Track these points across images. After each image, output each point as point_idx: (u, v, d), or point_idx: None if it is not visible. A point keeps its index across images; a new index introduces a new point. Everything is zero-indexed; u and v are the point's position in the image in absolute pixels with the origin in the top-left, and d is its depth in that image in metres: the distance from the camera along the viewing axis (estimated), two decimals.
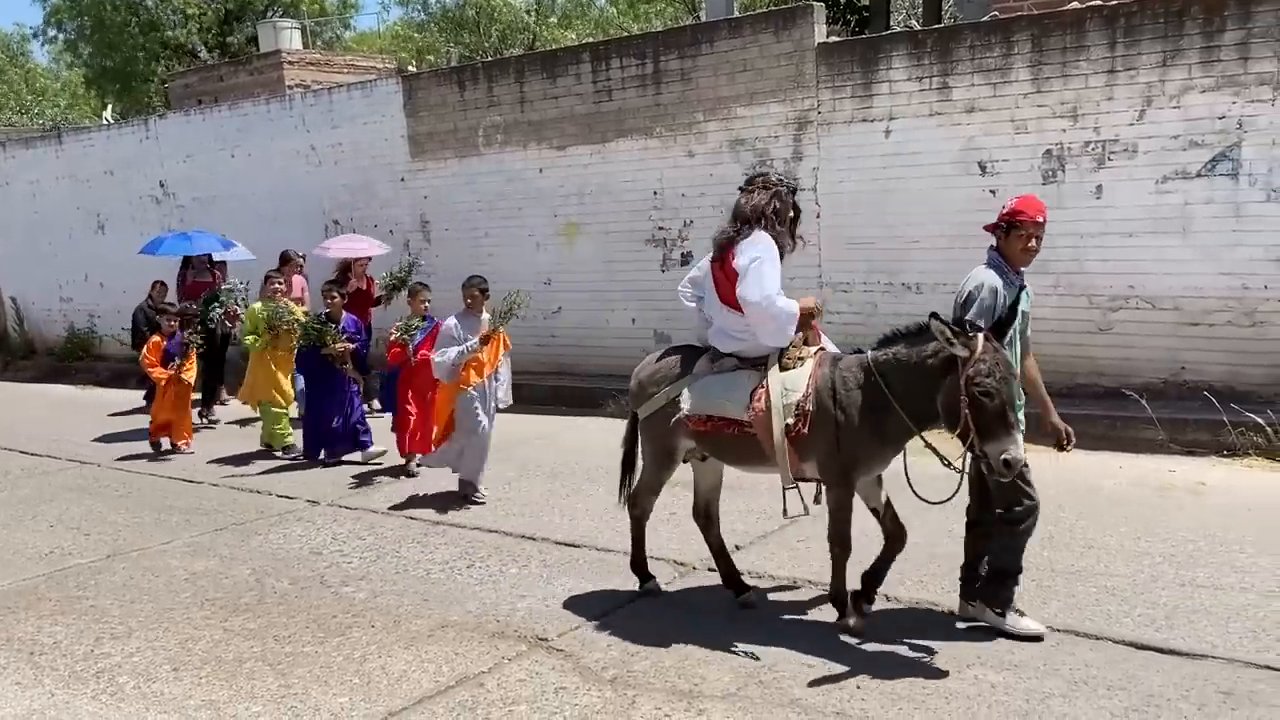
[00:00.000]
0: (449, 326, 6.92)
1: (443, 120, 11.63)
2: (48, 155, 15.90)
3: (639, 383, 4.96)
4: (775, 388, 4.45)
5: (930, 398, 4.18)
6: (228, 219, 13.74)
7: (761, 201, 4.63)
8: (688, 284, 4.97)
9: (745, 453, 4.63)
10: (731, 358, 4.68)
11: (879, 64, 8.78)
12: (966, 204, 8.53)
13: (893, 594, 4.98)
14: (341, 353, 8.14)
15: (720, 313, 4.69)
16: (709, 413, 4.61)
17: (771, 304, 4.45)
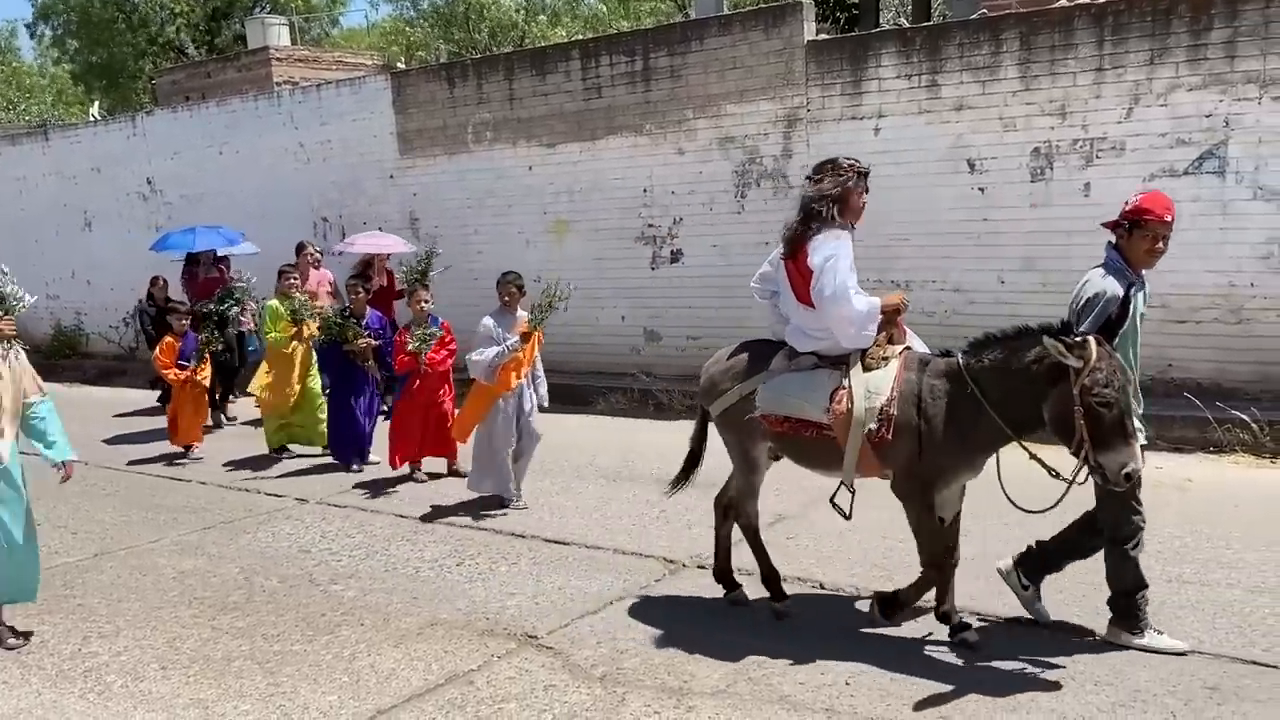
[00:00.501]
0: (487, 326, 6.61)
1: (432, 117, 11.60)
2: (34, 152, 15.80)
3: (710, 378, 4.76)
4: (858, 390, 4.23)
5: (1034, 406, 3.95)
6: (216, 216, 13.66)
7: (831, 190, 4.39)
8: (759, 280, 4.80)
9: (824, 456, 4.40)
10: (810, 355, 4.46)
11: (868, 62, 8.79)
12: (955, 201, 8.57)
13: (882, 591, 4.98)
14: (364, 349, 7.88)
15: (797, 311, 4.49)
16: (785, 413, 4.41)
17: (848, 304, 4.23)
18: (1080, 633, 4.42)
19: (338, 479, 7.84)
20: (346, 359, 7.91)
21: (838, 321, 4.28)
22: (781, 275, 4.56)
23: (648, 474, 7.32)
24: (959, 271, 8.61)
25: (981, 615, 4.64)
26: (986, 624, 4.56)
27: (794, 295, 4.47)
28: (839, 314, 4.25)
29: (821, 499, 6.35)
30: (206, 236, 11.11)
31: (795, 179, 9.28)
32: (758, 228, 9.59)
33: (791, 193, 9.34)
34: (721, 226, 9.84)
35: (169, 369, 8.72)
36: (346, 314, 8.03)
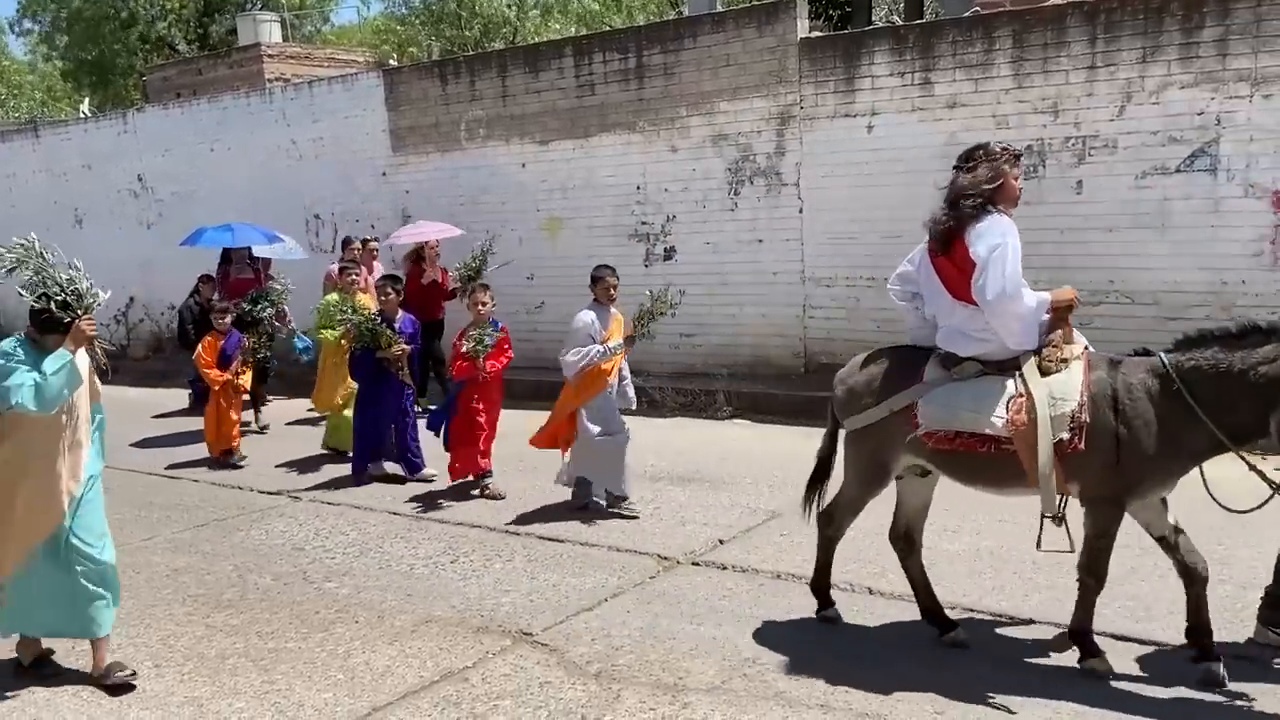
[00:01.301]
0: (586, 322, 6.29)
1: (424, 114, 11.58)
2: (24, 149, 15.73)
3: (849, 390, 4.37)
4: (1040, 396, 3.85)
5: (1258, 412, 3.63)
6: (207, 213, 13.61)
7: (987, 178, 4.02)
8: (898, 281, 4.43)
9: (999, 473, 4.00)
10: (973, 362, 4.05)
11: (861, 59, 8.80)
12: None
13: (876, 587, 5.00)
14: (398, 356, 7.34)
15: (953, 311, 4.08)
16: (956, 428, 4.00)
17: (1017, 300, 3.89)
18: None
19: (331, 477, 7.82)
20: (379, 366, 7.37)
21: (1005, 319, 3.92)
22: (928, 274, 4.19)
23: (641, 471, 7.31)
24: None
25: (974, 610, 4.65)
26: (978, 621, 4.57)
27: (949, 294, 4.09)
28: (1007, 311, 3.90)
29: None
30: (245, 233, 10.62)
31: (788, 176, 9.31)
32: (750, 225, 9.61)
33: (785, 190, 9.37)
34: (715, 224, 9.85)
35: (210, 368, 8.42)
36: (379, 319, 7.41)
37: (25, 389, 3.96)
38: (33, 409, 3.97)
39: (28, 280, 4.13)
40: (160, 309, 14.63)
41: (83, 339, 4.14)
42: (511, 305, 9.60)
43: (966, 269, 3.97)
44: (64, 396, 4.07)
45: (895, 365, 4.27)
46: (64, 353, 4.05)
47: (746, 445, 8.11)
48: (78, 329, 4.11)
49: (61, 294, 4.09)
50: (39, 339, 4.15)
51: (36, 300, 4.08)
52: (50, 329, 4.12)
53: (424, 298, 9.56)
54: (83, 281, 4.18)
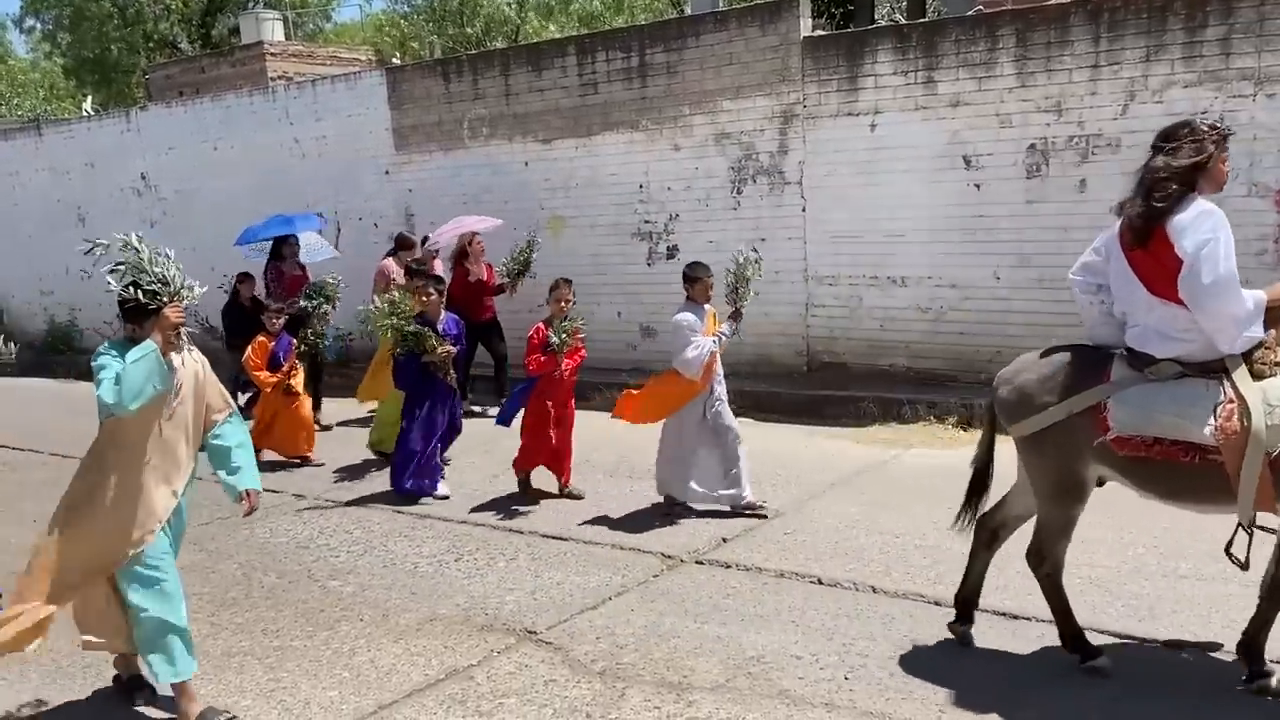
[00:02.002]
0: (689, 320, 6.06)
1: (427, 113, 11.59)
2: (27, 147, 15.74)
3: (1020, 390, 3.97)
4: (1254, 402, 3.50)
5: None
6: (210, 212, 13.66)
7: (1192, 160, 3.68)
8: (1081, 271, 4.05)
9: (1199, 486, 3.65)
10: (1171, 363, 3.69)
11: (864, 58, 8.80)
12: (951, 198, 8.59)
13: (880, 585, 5.01)
14: (444, 358, 6.94)
15: (1151, 309, 3.74)
16: (1154, 433, 3.65)
17: (1233, 300, 3.56)
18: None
19: (335, 475, 7.83)
20: (424, 371, 6.95)
21: (1218, 319, 3.57)
22: (1121, 267, 3.82)
23: (645, 470, 7.31)
24: (955, 267, 8.64)
25: (979, 608, 4.66)
26: (982, 619, 4.58)
27: (1145, 289, 3.73)
28: (1221, 310, 3.55)
29: (821, 494, 6.42)
30: (290, 222, 10.37)
31: (791, 175, 9.31)
32: (753, 224, 9.61)
33: (788, 189, 9.37)
34: (717, 223, 9.85)
35: (260, 370, 8.12)
36: (422, 321, 6.97)
37: (105, 381, 3.68)
38: (109, 402, 3.66)
39: (116, 269, 3.86)
40: None
41: (168, 326, 3.80)
42: (515, 304, 9.59)
43: (1168, 263, 3.61)
44: (147, 393, 3.72)
45: (1075, 363, 3.89)
46: (148, 343, 3.74)
47: (749, 444, 8.07)
48: (162, 317, 3.81)
49: (150, 282, 3.82)
50: (134, 338, 3.86)
51: (124, 289, 3.81)
52: (136, 317, 3.84)
53: (470, 297, 9.29)
54: (171, 268, 3.88)
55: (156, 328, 3.79)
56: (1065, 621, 4.06)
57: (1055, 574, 4.06)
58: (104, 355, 3.82)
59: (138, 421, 3.85)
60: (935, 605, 4.74)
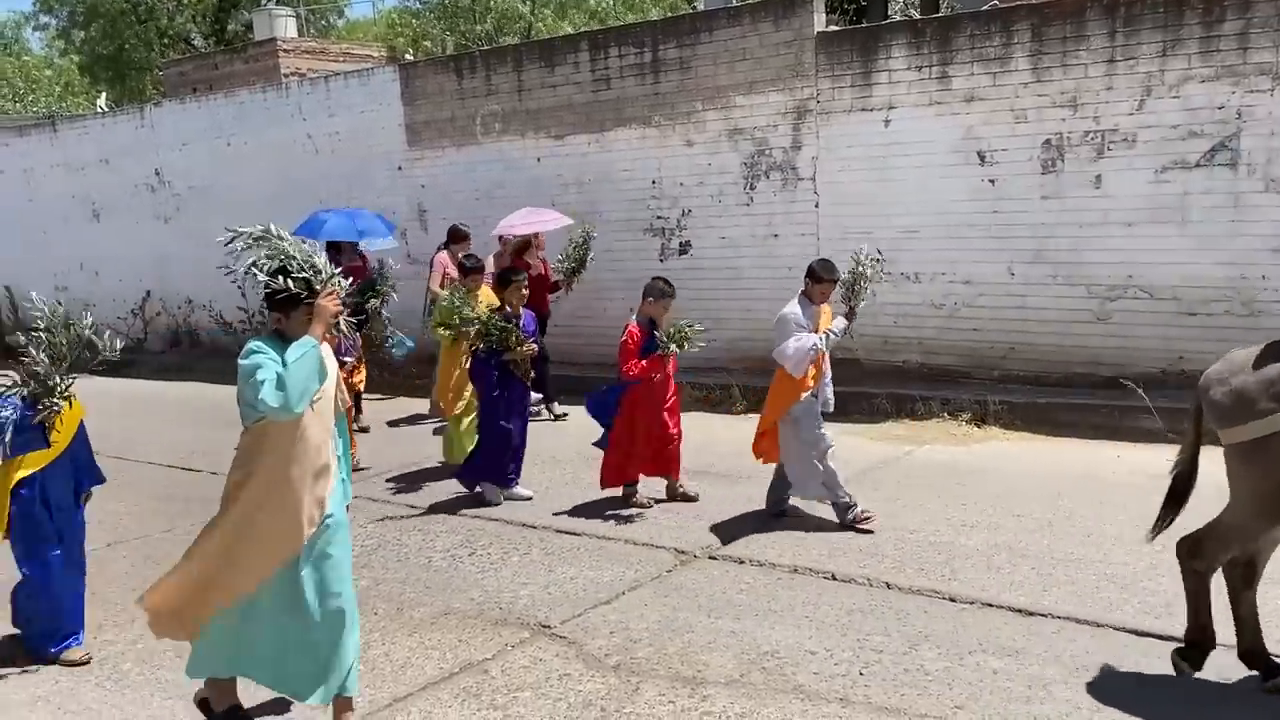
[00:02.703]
0: (795, 314, 5.77)
1: (440, 109, 11.60)
2: (42, 143, 15.83)
3: (1236, 393, 3.64)
4: None
5: None
6: (224, 208, 13.69)
7: None
8: None
9: None
10: None
11: (878, 53, 8.77)
12: (965, 194, 8.56)
13: (894, 581, 5.00)
14: (527, 357, 6.63)
15: None
16: None
17: None
18: (1089, 624, 4.42)
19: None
20: (505, 370, 6.62)
21: None
22: None
23: None
24: (969, 263, 8.60)
25: (991, 604, 4.65)
26: (994, 615, 4.57)
27: None
28: None
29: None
30: (339, 224, 9.83)
31: (804, 171, 9.29)
32: (766, 220, 9.60)
33: (801, 185, 9.35)
34: (730, 218, 9.84)
35: None
36: (508, 317, 6.64)
37: (267, 383, 3.33)
38: (274, 406, 3.33)
39: (261, 259, 3.57)
40: (177, 303, 14.71)
41: (327, 317, 3.52)
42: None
43: None
44: (310, 392, 3.43)
45: None
46: (307, 339, 3.46)
47: None
48: (320, 307, 3.51)
49: (300, 269, 3.51)
50: (283, 331, 3.55)
51: (272, 277, 3.50)
52: (285, 307, 3.52)
53: (530, 292, 9.16)
54: (319, 256, 3.61)
55: (315, 319, 3.50)
56: (1199, 621, 3.84)
57: (1206, 573, 3.83)
58: (257, 354, 3.43)
59: (290, 423, 3.51)
60: (950, 601, 4.73)
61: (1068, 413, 7.81)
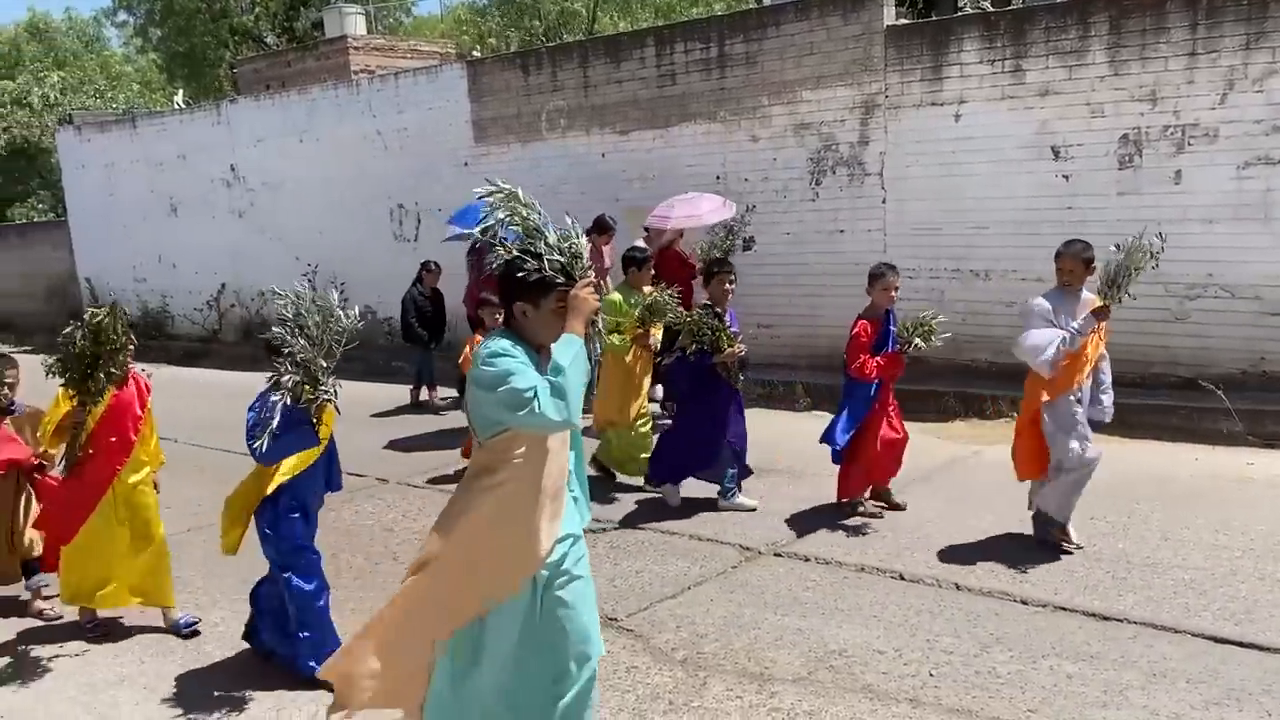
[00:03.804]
0: (1041, 305, 5.13)
1: (506, 105, 11.71)
2: (123, 139, 16.33)
3: None
4: None
5: None
6: (295, 203, 14.04)
7: None
8: None
9: None
10: None
11: (950, 46, 8.64)
12: (1038, 189, 8.40)
13: (964, 582, 4.94)
14: (733, 357, 6.02)
15: None
16: None
17: None
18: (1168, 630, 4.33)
19: (416, 459, 7.97)
20: (710, 373, 6.04)
21: None
22: None
23: None
24: (1041, 261, 8.35)
25: (1064, 608, 4.57)
26: (1068, 619, 4.49)
27: None
28: None
29: (900, 490, 6.32)
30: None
31: (872, 166, 9.20)
32: (832, 215, 9.53)
33: (868, 180, 9.26)
34: (795, 214, 9.78)
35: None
36: (717, 315, 6.07)
37: (542, 392, 2.76)
38: (556, 420, 2.78)
39: (503, 223, 3.07)
40: (250, 295, 15.07)
41: (588, 311, 2.95)
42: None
43: None
44: (580, 399, 2.86)
45: None
46: (572, 338, 2.89)
47: None
48: (580, 300, 2.93)
49: (553, 253, 2.96)
50: (518, 325, 2.99)
51: (523, 259, 2.95)
52: (538, 294, 2.93)
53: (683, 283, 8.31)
54: (579, 237, 3.05)
55: (573, 314, 2.92)
56: None
57: None
58: (504, 357, 2.86)
59: (542, 435, 2.98)
60: (1022, 604, 4.66)
61: (1144, 414, 7.62)
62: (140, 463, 4.81)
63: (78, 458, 4.63)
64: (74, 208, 17.65)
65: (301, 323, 3.84)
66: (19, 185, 27.14)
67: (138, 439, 4.78)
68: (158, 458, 5.04)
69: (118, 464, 4.70)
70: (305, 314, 3.83)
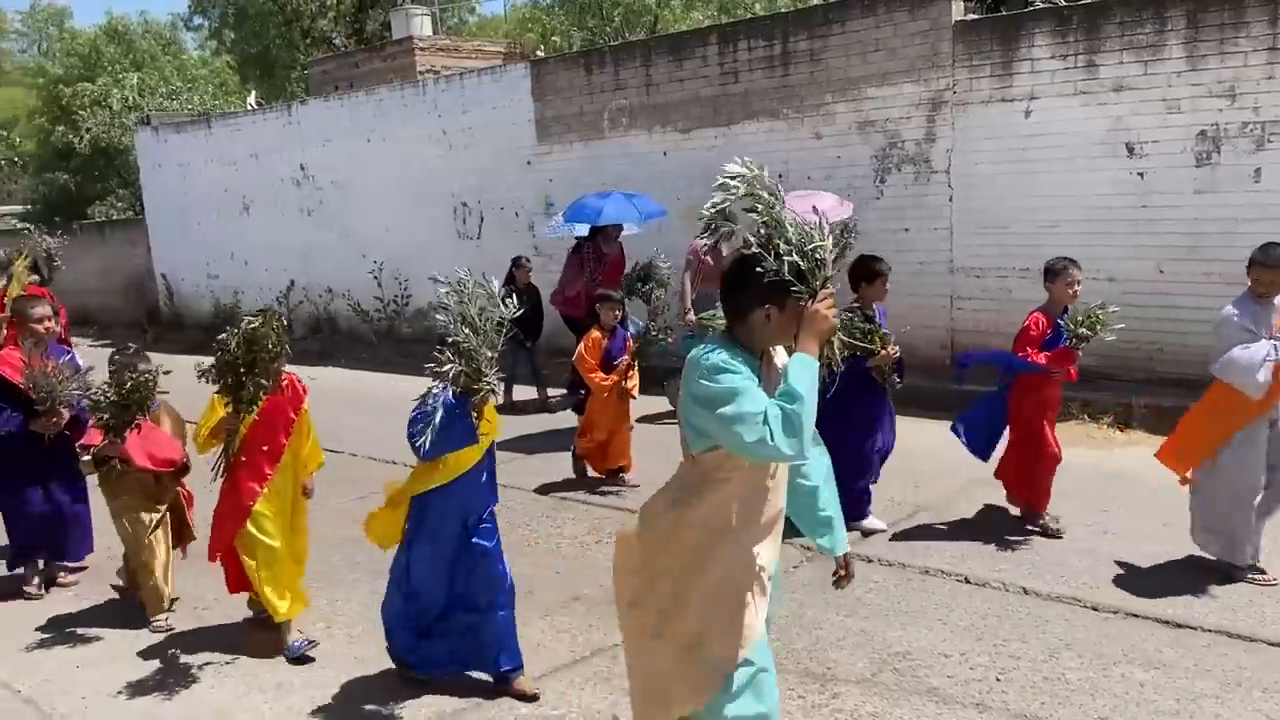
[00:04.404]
0: (1240, 320, 4.70)
1: (569, 104, 11.79)
2: (198, 139, 16.78)
3: None
4: None
5: None
6: (362, 201, 14.29)
7: None
8: None
9: None
10: None
11: (1020, 41, 8.49)
12: (1110, 187, 8.21)
13: (1032, 587, 4.86)
14: (889, 359, 5.59)
15: None
16: None
17: None
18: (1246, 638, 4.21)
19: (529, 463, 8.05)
20: (864, 377, 5.56)
21: None
22: None
23: None
24: (1114, 260, 8.25)
25: (1136, 614, 4.47)
26: (1141, 625, 4.39)
27: None
28: None
29: (966, 492, 6.24)
30: (620, 206, 8.93)
31: (938, 163, 9.08)
32: (897, 213, 9.42)
33: (934, 177, 9.13)
34: (859, 212, 9.64)
35: (595, 371, 6.75)
36: (869, 317, 5.70)
37: (775, 420, 2.42)
38: (788, 454, 2.45)
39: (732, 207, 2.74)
40: (318, 291, 15.39)
41: (826, 331, 2.54)
42: None
43: None
44: (812, 432, 2.54)
45: None
46: (809, 360, 2.50)
47: None
48: (818, 315, 2.53)
49: (791, 254, 2.52)
50: (759, 327, 2.59)
51: (763, 255, 2.53)
52: (780, 298, 2.54)
53: None
54: (824, 239, 2.57)
55: (808, 331, 2.53)
56: None
57: None
58: (730, 373, 2.50)
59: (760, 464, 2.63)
60: (1092, 610, 4.57)
61: None
62: (291, 467, 4.61)
63: (230, 465, 4.45)
64: (151, 206, 18.20)
65: (464, 311, 3.59)
66: (99, 184, 28.06)
67: (288, 445, 4.55)
68: (315, 458, 4.84)
69: (268, 471, 4.49)
70: (468, 301, 3.60)
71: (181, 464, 4.98)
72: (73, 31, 36.13)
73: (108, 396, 4.58)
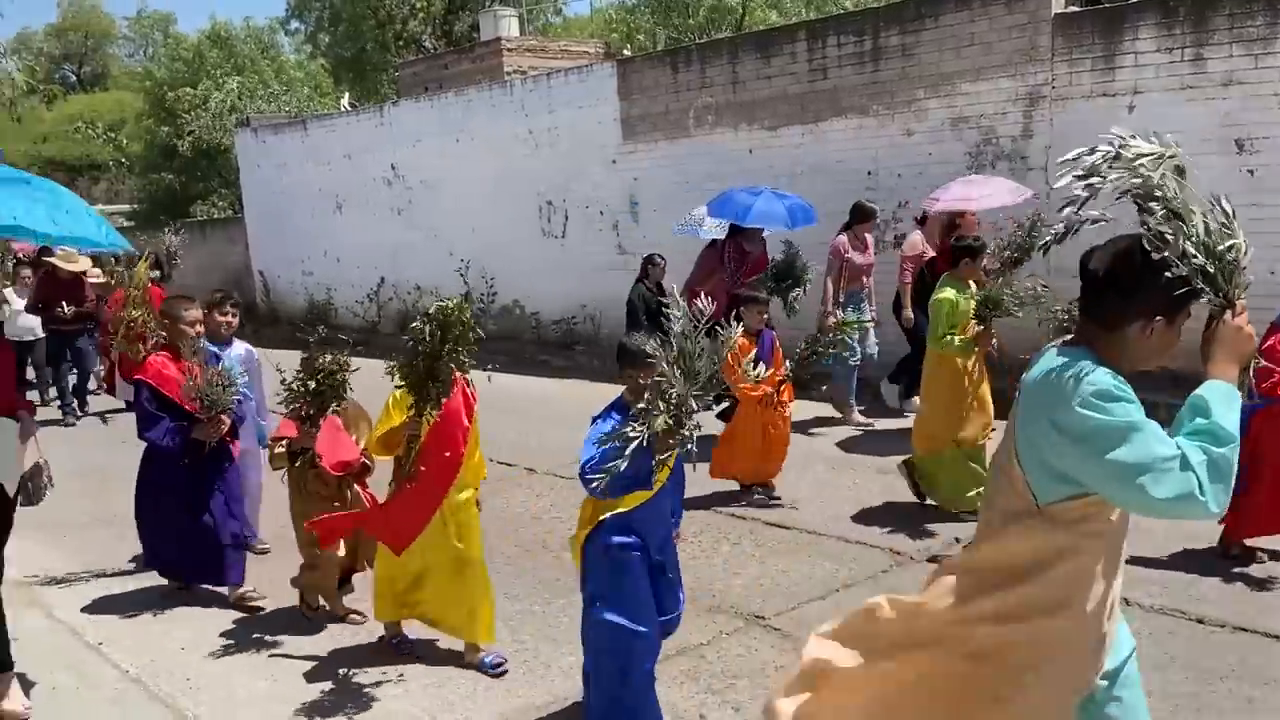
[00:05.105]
0: None
1: (654, 103, 11.81)
2: (294, 140, 17.29)
3: None
4: None
5: None
6: (450, 201, 14.55)
7: None
8: None
9: None
10: None
11: (1123, 35, 8.21)
12: (1218, 184, 7.79)
13: (1134, 599, 4.69)
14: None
15: None
16: None
17: None
18: None
19: (560, 450, 8.13)
20: None
21: None
22: None
23: (868, 463, 7.19)
24: None
25: (1247, 629, 4.28)
26: (1184, 629, 4.21)
27: None
28: None
29: None
30: (770, 205, 8.27)
31: (1035, 160, 8.84)
32: None
33: (1030, 174, 8.89)
34: None
35: (740, 381, 6.13)
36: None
37: (1201, 468, 1.95)
38: (1213, 512, 1.98)
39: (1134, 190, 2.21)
40: (407, 289, 15.71)
41: (1246, 355, 2.16)
42: None
43: None
44: None
45: None
46: (1230, 388, 2.10)
47: None
48: (1237, 332, 2.14)
49: (1199, 254, 2.08)
50: (1139, 340, 2.15)
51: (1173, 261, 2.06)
52: (1180, 307, 2.14)
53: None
54: (1240, 238, 2.11)
55: (1223, 352, 2.15)
56: None
57: None
58: (1126, 403, 2.03)
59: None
60: (1197, 623, 4.40)
61: None
62: (464, 481, 4.29)
63: (410, 474, 4.14)
64: (249, 205, 18.82)
65: (684, 351, 3.19)
66: (201, 184, 29.11)
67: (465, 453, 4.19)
68: (480, 472, 4.56)
69: (449, 480, 4.12)
70: (690, 343, 3.19)
71: (359, 464, 4.67)
72: (177, 36, 37.49)
73: (305, 385, 4.47)
